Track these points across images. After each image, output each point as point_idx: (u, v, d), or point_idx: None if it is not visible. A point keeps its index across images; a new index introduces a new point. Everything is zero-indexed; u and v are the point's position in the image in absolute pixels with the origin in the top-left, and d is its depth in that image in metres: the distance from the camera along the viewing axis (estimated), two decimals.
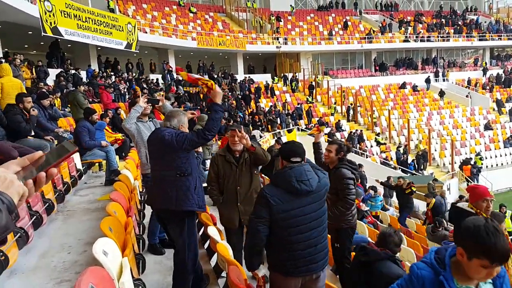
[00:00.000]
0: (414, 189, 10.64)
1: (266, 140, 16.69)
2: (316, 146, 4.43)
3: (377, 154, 21.90)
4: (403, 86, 29.27)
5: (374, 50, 31.14)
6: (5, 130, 5.08)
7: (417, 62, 32.30)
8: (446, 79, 31.00)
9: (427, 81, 29.55)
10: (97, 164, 7.44)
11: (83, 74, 15.53)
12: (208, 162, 7.71)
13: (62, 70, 14.74)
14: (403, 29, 31.92)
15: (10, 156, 4.79)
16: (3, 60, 10.05)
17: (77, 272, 3.17)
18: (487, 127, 25.81)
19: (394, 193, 12.57)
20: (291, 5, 31.29)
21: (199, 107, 16.50)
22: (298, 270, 2.63)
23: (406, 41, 31.14)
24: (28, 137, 5.53)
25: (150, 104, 4.47)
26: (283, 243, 2.63)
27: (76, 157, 6.19)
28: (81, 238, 4.12)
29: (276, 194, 2.59)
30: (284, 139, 17.23)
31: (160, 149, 3.14)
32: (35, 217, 3.65)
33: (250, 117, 19.52)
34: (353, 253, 4.83)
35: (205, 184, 7.02)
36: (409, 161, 20.87)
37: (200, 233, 4.85)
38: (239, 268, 3.04)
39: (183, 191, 3.05)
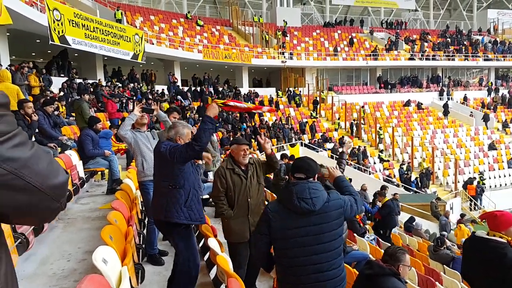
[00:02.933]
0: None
1: None
2: (341, 156, 4.20)
3: (380, 171, 21.82)
4: (407, 103, 29.32)
5: (379, 67, 31.32)
6: None
7: (422, 80, 32.39)
8: (451, 98, 31.03)
9: (445, 106, 29.18)
10: (99, 173, 7.45)
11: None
12: (211, 174, 7.72)
13: (67, 78, 14.89)
14: (408, 47, 32.12)
15: None
16: (3, 66, 10.17)
17: (76, 280, 3.15)
18: (491, 147, 25.72)
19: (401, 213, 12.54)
20: (284, 20, 31.45)
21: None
22: None
23: (411, 59, 31.31)
24: None
25: (145, 113, 4.55)
26: (287, 265, 2.51)
27: (79, 165, 6.20)
28: (81, 246, 4.11)
29: (277, 211, 2.52)
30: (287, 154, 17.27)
31: (157, 161, 3.25)
32: None
33: (250, 130, 19.55)
34: (352, 269, 4.80)
35: (206, 196, 7.08)
36: (412, 179, 20.77)
37: (200, 244, 4.82)
38: (239, 281, 3.01)
39: (172, 203, 3.09)
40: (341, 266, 2.53)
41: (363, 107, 26.93)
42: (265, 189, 7.04)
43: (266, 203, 3.66)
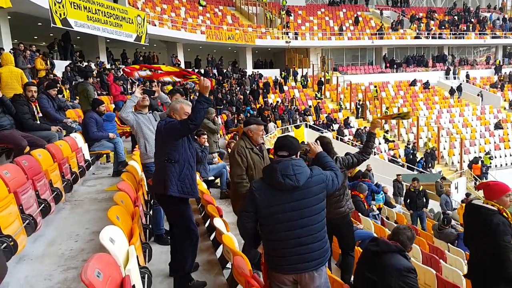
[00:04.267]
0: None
1: (274, 136, 16.66)
2: (371, 136, 4.13)
3: (385, 151, 21.78)
4: (413, 83, 29.01)
5: (385, 46, 30.87)
6: (14, 119, 5.12)
7: (428, 60, 31.94)
8: (457, 77, 30.62)
9: (459, 89, 28.66)
10: (105, 155, 7.49)
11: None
12: (215, 156, 7.74)
13: (71, 62, 14.83)
14: (414, 25, 31.58)
15: (20, 146, 4.84)
16: (5, 50, 10.13)
17: (84, 260, 3.20)
18: (498, 126, 25.51)
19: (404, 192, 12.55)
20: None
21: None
22: (285, 268, 2.57)
23: (417, 37, 30.81)
24: None
25: (146, 95, 4.54)
26: (271, 239, 2.59)
27: (84, 147, 6.23)
28: (88, 227, 4.16)
29: (262, 188, 2.57)
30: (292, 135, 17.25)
31: (156, 138, 3.43)
32: (43, 205, 3.68)
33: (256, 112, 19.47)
34: (357, 247, 4.85)
35: (211, 178, 7.11)
36: (418, 159, 20.72)
37: (206, 225, 4.88)
38: (244, 259, 3.05)
39: (167, 177, 3.23)
40: (324, 239, 2.61)
41: (375, 87, 26.69)
42: None
43: None
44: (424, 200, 10.60)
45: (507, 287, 3.07)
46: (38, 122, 5.72)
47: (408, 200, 10.69)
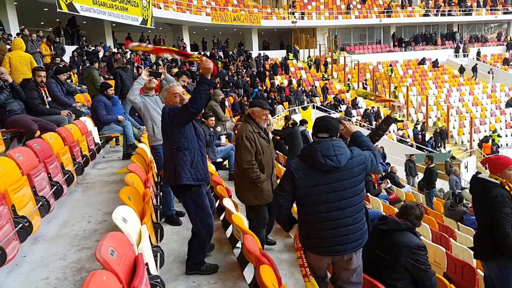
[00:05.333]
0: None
1: (281, 118, 16.60)
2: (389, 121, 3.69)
3: (393, 131, 21.61)
4: (422, 62, 28.56)
5: (393, 24, 30.33)
6: (24, 104, 5.16)
7: (437, 38, 31.33)
8: (467, 54, 30.05)
9: (474, 70, 27.86)
10: (114, 138, 7.54)
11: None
12: (223, 138, 7.76)
13: (77, 46, 14.81)
14: (423, 3, 30.88)
15: (31, 130, 4.90)
16: (12, 36, 10.15)
17: (97, 240, 3.26)
18: (509, 104, 25.12)
19: (419, 173, 12.52)
20: None
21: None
22: (324, 249, 2.57)
23: (426, 15, 30.18)
24: None
25: (152, 77, 4.54)
26: (310, 220, 2.58)
27: (94, 131, 6.28)
28: (100, 208, 4.22)
29: (301, 169, 2.55)
30: (299, 117, 17.18)
31: (162, 124, 3.27)
32: (55, 187, 3.74)
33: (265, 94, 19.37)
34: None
35: (219, 160, 7.15)
36: (427, 138, 20.56)
37: (216, 205, 4.92)
38: (254, 237, 3.09)
39: (180, 166, 3.09)
40: (363, 220, 2.60)
41: (390, 65, 26.32)
42: None
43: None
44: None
45: (508, 259, 3.14)
46: (48, 106, 5.77)
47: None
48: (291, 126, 9.16)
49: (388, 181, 10.25)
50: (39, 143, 4.02)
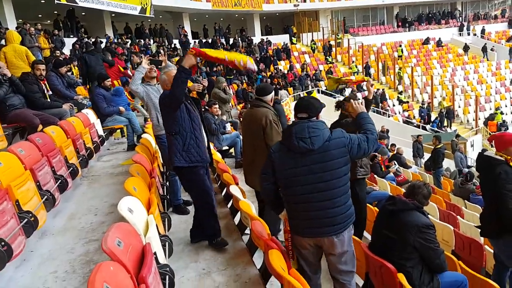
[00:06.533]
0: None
1: (286, 103, 16.49)
2: (369, 103, 3.94)
3: (399, 113, 21.47)
4: (426, 41, 28.14)
5: (396, 5, 29.84)
6: (24, 98, 5.11)
7: (441, 16, 30.79)
8: (474, 33, 29.48)
9: (484, 49, 27.18)
10: (118, 130, 7.51)
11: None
12: (228, 126, 7.70)
13: (77, 38, 14.71)
14: None
15: (32, 124, 4.85)
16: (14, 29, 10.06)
17: (104, 232, 3.22)
18: None
19: (425, 154, 12.39)
20: None
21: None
22: (304, 231, 2.57)
23: None
24: None
25: (153, 65, 4.48)
26: (291, 201, 2.57)
27: (97, 123, 6.24)
28: (106, 200, 4.20)
29: (279, 151, 2.55)
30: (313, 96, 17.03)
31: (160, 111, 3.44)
32: (60, 181, 3.71)
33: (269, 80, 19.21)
34: (373, 208, 4.83)
35: (225, 148, 7.09)
36: (433, 118, 20.40)
37: (223, 193, 4.89)
38: (262, 223, 3.05)
39: (172, 150, 3.26)
40: (347, 204, 2.53)
41: (400, 46, 25.97)
42: None
43: None
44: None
45: None
46: (49, 100, 5.71)
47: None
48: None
49: (396, 163, 10.19)
50: (41, 137, 3.98)
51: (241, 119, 6.81)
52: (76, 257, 2.97)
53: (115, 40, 16.72)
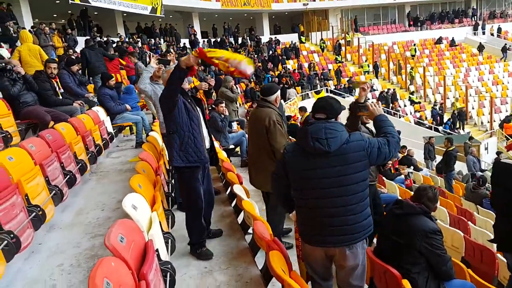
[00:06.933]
0: None
1: (293, 103, 16.47)
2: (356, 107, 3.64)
3: (411, 113, 21.27)
4: (439, 41, 27.82)
5: (408, 3, 29.57)
6: (37, 95, 5.23)
7: (454, 15, 30.40)
8: (491, 33, 29.00)
9: (503, 49, 26.56)
10: (127, 127, 7.61)
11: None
12: (234, 125, 7.74)
13: (89, 37, 14.88)
14: None
15: (44, 121, 4.96)
16: (30, 29, 10.25)
17: None
18: None
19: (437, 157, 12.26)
20: None
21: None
22: (314, 239, 2.44)
23: None
24: None
25: (162, 65, 4.53)
26: (302, 205, 2.47)
27: (107, 120, 6.34)
28: (114, 196, 4.27)
29: (293, 151, 2.46)
30: (312, 101, 17.00)
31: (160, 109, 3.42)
32: (68, 176, 3.79)
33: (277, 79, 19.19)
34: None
35: (232, 146, 7.14)
36: (445, 120, 20.16)
37: (227, 192, 4.94)
38: (265, 224, 3.08)
39: (170, 149, 3.24)
40: (363, 213, 2.39)
41: (415, 44, 25.69)
42: None
43: None
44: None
45: None
46: (60, 97, 5.83)
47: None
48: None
49: (411, 167, 10.13)
50: (52, 134, 4.07)
51: (247, 118, 6.88)
52: (82, 251, 3.04)
53: (126, 39, 16.87)
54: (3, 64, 4.98)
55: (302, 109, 9.73)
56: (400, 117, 19.80)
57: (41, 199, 3.07)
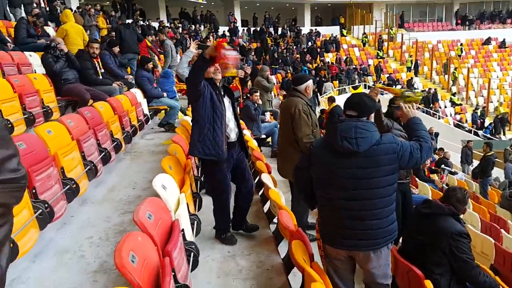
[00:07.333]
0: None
1: (327, 97, 16.23)
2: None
3: (451, 115, 20.53)
4: (487, 41, 26.52)
5: (457, 1, 28.34)
6: (78, 73, 5.41)
7: (507, 15, 28.84)
8: None
9: None
10: (163, 111, 7.75)
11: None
12: (268, 115, 7.73)
13: (132, 20, 15.20)
14: None
15: (83, 98, 5.14)
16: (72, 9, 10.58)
17: None
18: None
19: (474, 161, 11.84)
20: None
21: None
22: (337, 242, 2.37)
23: None
24: None
25: (201, 50, 4.55)
26: (325, 205, 2.41)
27: (143, 102, 6.49)
28: (145, 176, 4.38)
29: (320, 147, 2.40)
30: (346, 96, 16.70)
31: None
32: (103, 153, 3.92)
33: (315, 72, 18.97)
34: None
35: (263, 136, 7.14)
36: (486, 124, 19.33)
37: (256, 180, 4.96)
38: (289, 213, 3.08)
39: (191, 139, 3.21)
40: (389, 218, 2.31)
41: (461, 44, 25.02)
42: None
43: None
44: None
45: None
46: (101, 77, 6.01)
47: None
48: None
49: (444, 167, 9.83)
50: (90, 111, 4.22)
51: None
52: (111, 226, 3.15)
53: (168, 24, 17.13)
54: (48, 41, 5.18)
55: (330, 99, 9.53)
56: (439, 118, 19.16)
57: (76, 173, 3.19)
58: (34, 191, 2.54)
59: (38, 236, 2.49)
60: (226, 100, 3.24)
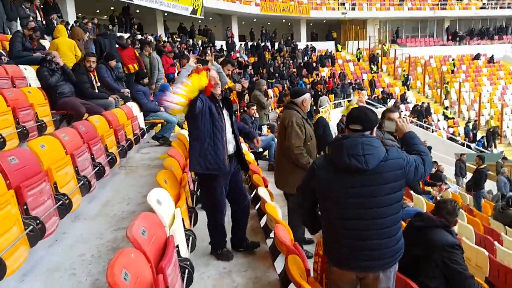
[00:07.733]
0: None
1: (325, 110, 16.30)
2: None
3: (443, 129, 20.71)
4: (477, 57, 26.98)
5: (448, 18, 28.90)
6: (74, 87, 5.39)
7: (494, 32, 29.44)
8: None
9: None
10: (159, 124, 7.72)
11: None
12: (264, 128, 7.73)
13: (129, 34, 15.30)
14: None
15: (79, 112, 5.11)
16: (70, 24, 10.60)
17: None
18: None
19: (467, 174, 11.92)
20: None
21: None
22: (346, 264, 2.25)
23: (483, 8, 28.46)
24: None
25: (200, 65, 4.55)
26: (331, 225, 2.28)
27: (140, 116, 6.47)
28: (140, 191, 4.32)
29: (325, 167, 2.25)
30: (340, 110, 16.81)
31: None
32: (97, 168, 3.87)
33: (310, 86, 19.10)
34: (405, 224, 4.68)
35: (260, 149, 7.13)
36: (478, 137, 19.52)
37: (252, 194, 4.92)
38: (286, 228, 3.05)
39: (191, 154, 3.15)
40: (396, 236, 2.22)
41: (453, 59, 25.23)
42: None
43: None
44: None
45: None
46: (97, 91, 5.99)
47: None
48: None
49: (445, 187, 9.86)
50: (85, 125, 4.18)
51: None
52: (104, 242, 3.08)
53: (165, 39, 17.24)
54: (44, 54, 5.17)
55: (315, 111, 9.57)
56: (432, 132, 19.30)
57: (69, 188, 3.14)
58: (25, 207, 2.48)
59: (28, 254, 2.43)
60: (225, 112, 3.21)
